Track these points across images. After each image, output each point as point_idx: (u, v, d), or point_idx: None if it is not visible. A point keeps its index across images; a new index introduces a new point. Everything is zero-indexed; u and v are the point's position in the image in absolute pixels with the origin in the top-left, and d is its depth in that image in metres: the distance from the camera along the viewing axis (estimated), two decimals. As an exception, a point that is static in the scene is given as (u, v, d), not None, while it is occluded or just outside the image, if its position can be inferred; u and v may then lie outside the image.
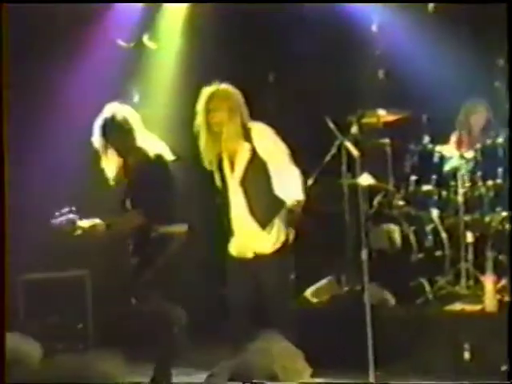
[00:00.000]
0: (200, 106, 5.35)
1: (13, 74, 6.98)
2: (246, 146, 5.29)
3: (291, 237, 5.35)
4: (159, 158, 5.47)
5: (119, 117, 5.48)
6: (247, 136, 5.30)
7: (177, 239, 5.46)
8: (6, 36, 5.73)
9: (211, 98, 5.32)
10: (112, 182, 5.57)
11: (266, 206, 5.29)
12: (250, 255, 5.36)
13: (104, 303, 7.01)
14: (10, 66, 7.00)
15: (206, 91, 5.35)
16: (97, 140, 5.49)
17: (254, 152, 5.28)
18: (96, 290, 6.98)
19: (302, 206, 5.30)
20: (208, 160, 5.40)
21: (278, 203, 5.29)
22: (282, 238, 5.31)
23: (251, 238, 5.33)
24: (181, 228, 5.52)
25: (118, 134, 5.47)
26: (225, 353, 4.99)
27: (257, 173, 5.27)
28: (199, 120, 5.35)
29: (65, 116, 7.08)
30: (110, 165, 5.52)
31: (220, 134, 5.31)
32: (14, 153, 6.75)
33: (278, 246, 5.30)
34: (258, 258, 5.33)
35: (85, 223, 5.33)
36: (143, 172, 5.42)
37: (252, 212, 5.28)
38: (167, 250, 5.42)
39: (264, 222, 5.28)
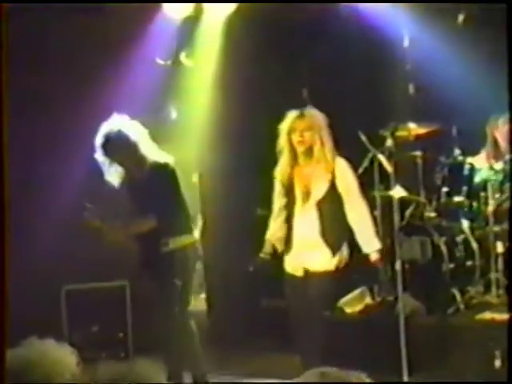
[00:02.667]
0: (285, 125, 5.56)
1: (53, 88, 7.25)
2: (328, 175, 5.52)
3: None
4: (163, 166, 5.60)
5: (120, 132, 5.53)
6: (330, 166, 5.53)
7: (190, 253, 5.62)
8: (5, 36, 5.87)
9: (300, 118, 5.52)
10: (118, 188, 5.69)
11: (337, 233, 5.54)
12: (300, 273, 5.59)
13: (143, 313, 7.21)
14: (52, 80, 7.26)
15: (293, 113, 5.57)
16: (100, 156, 5.59)
17: (332, 183, 5.52)
18: (135, 300, 7.17)
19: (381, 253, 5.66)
20: (283, 177, 5.64)
21: (348, 231, 5.55)
22: (343, 261, 5.59)
23: (314, 258, 5.55)
24: (191, 238, 5.68)
25: (120, 149, 5.54)
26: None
27: (332, 201, 5.53)
28: (283, 140, 5.58)
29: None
30: (115, 176, 5.67)
31: (302, 153, 5.54)
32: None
33: (336, 266, 5.57)
34: (310, 275, 5.57)
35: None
36: (149, 180, 5.55)
37: (324, 237, 5.51)
38: (183, 269, 5.59)
39: (335, 248, 5.52)
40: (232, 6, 7.61)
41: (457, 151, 7.01)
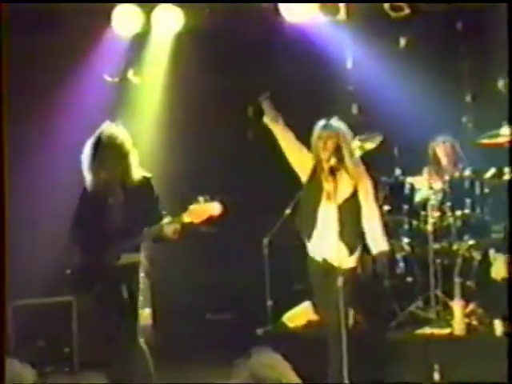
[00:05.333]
0: (314, 133, 5.90)
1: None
2: (351, 181, 5.82)
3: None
4: (149, 180, 5.64)
5: (115, 138, 5.54)
6: (354, 173, 5.84)
7: (137, 269, 5.66)
8: (6, 36, 5.87)
9: (325, 127, 5.87)
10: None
11: (354, 234, 5.79)
12: (319, 259, 5.88)
13: (88, 328, 7.24)
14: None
15: (320, 122, 5.91)
16: (87, 157, 5.51)
17: (355, 190, 5.82)
18: (81, 315, 7.20)
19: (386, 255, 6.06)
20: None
21: (362, 235, 5.85)
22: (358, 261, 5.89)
23: (332, 253, 5.80)
24: (137, 258, 5.75)
25: (113, 155, 5.52)
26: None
27: (352, 205, 5.80)
28: (312, 146, 5.91)
29: (52, 150, 7.35)
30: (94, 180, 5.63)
31: (326, 160, 5.83)
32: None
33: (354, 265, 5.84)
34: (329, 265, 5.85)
35: None
36: (139, 193, 5.57)
37: (342, 238, 5.74)
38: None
39: (351, 248, 5.79)
40: (179, 24, 7.74)
41: (398, 171, 7.22)
